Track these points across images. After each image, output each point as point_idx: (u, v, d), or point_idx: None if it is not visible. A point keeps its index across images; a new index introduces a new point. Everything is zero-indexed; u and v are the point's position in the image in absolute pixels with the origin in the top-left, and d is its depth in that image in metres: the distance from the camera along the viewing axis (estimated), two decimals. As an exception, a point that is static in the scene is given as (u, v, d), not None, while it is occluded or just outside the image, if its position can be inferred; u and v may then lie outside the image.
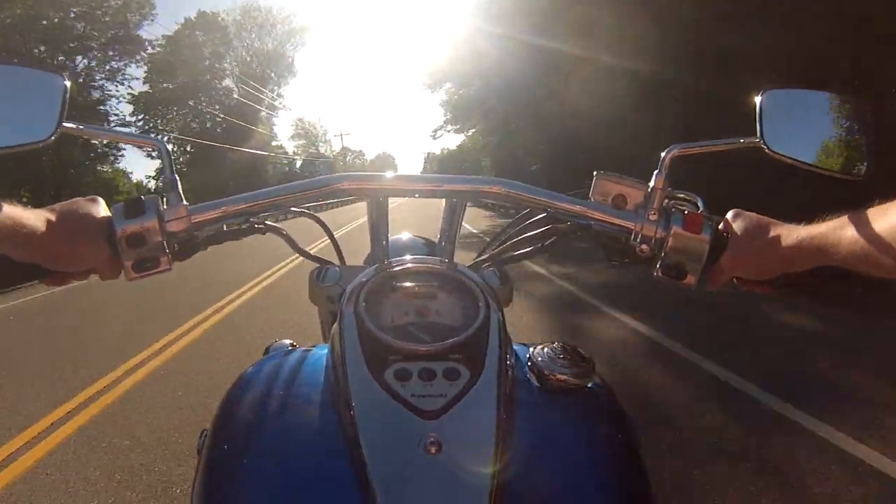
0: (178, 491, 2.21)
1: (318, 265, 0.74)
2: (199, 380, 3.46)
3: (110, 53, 28.77)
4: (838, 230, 0.53)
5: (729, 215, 0.65)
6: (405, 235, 1.15)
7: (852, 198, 0.61)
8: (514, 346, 0.61)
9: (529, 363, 0.58)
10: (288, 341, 0.80)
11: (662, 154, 0.66)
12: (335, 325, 0.60)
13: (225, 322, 5.11)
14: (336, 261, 0.80)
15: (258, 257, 8.87)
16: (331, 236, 0.82)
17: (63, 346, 4.63)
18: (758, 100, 0.69)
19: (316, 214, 0.83)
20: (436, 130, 36.17)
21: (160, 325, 4.89)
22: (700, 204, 0.67)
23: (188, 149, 37.04)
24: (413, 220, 8.33)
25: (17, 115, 0.63)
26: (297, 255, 0.78)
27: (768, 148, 0.66)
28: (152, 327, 4.85)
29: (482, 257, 0.75)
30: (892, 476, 2.04)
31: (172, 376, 3.58)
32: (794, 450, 2.24)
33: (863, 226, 0.51)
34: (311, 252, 0.80)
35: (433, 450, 0.46)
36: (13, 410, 3.15)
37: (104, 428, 2.85)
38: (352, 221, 17.68)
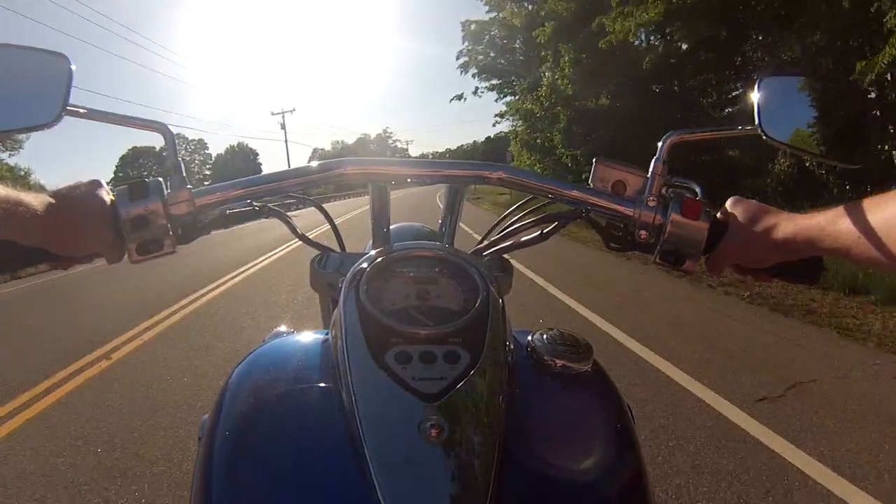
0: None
1: (319, 252, 0.75)
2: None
3: None
4: (836, 220, 0.54)
5: (728, 202, 0.66)
6: (407, 223, 1.15)
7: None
8: (514, 332, 0.62)
9: (529, 348, 0.59)
10: (284, 327, 0.81)
11: (660, 141, 0.66)
12: (336, 310, 0.60)
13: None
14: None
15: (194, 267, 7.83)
16: (331, 223, 0.82)
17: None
18: (755, 87, 0.69)
19: (318, 202, 0.83)
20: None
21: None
22: (698, 191, 0.67)
23: None
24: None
25: (21, 97, 0.62)
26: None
27: (766, 135, 0.67)
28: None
29: (483, 244, 0.75)
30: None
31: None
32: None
33: (859, 217, 0.52)
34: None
35: (433, 432, 0.47)
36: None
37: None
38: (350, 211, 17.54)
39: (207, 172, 65.12)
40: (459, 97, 31.76)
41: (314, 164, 0.67)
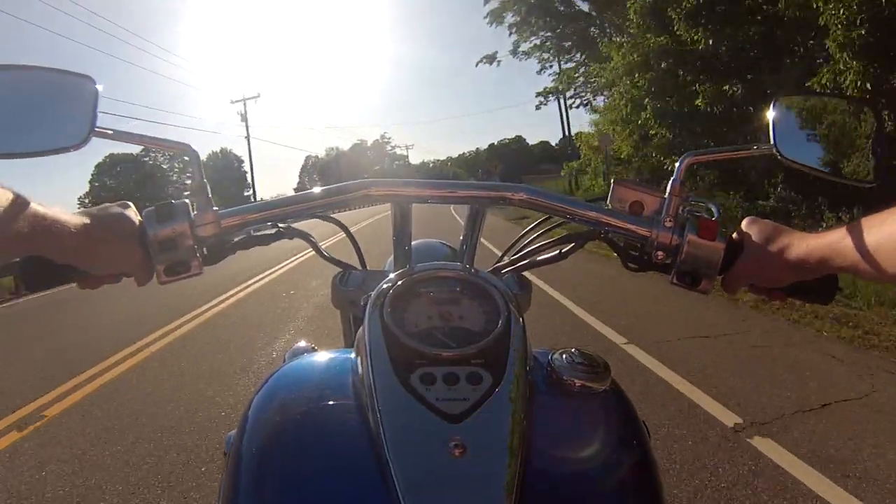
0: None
1: (341, 269, 0.76)
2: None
3: None
4: (843, 239, 0.55)
5: (744, 223, 0.67)
6: (427, 240, 1.16)
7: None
8: (534, 352, 0.63)
9: (548, 368, 0.59)
10: (304, 343, 0.82)
11: (678, 162, 0.67)
12: (360, 330, 0.61)
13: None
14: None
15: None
16: (353, 241, 0.84)
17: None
18: (770, 106, 0.70)
19: (340, 220, 0.84)
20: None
21: None
22: (715, 211, 0.68)
23: None
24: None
25: (49, 119, 0.63)
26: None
27: (781, 155, 0.68)
28: None
29: (502, 263, 0.76)
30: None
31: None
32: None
33: (865, 234, 0.53)
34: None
35: (457, 452, 0.47)
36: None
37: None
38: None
39: (188, 182, 59.33)
40: (491, 59, 23.64)
41: (339, 185, 0.68)
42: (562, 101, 30.52)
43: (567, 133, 33.23)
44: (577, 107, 22.88)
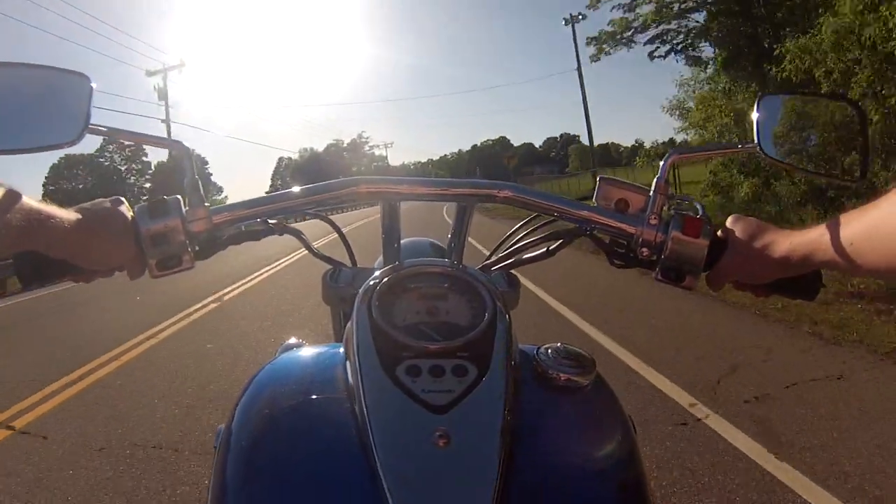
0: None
1: (332, 267, 0.77)
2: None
3: None
4: (823, 234, 0.56)
5: (728, 220, 0.67)
6: (416, 238, 1.17)
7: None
8: (521, 347, 0.63)
9: (534, 362, 0.60)
10: (295, 339, 0.83)
11: (662, 161, 0.68)
12: (349, 324, 0.62)
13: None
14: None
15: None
16: (343, 239, 0.85)
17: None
18: (755, 105, 0.71)
19: (330, 217, 0.85)
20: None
21: None
22: (700, 208, 0.69)
23: None
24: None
25: (44, 115, 0.64)
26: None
27: (765, 154, 0.68)
28: None
29: (490, 260, 0.77)
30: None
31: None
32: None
33: (842, 229, 0.54)
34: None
35: (441, 442, 0.48)
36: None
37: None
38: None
39: (147, 185, 54.20)
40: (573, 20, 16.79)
41: (328, 182, 0.69)
42: (582, 88, 27.85)
43: (588, 127, 30.91)
44: (663, 57, 16.62)
